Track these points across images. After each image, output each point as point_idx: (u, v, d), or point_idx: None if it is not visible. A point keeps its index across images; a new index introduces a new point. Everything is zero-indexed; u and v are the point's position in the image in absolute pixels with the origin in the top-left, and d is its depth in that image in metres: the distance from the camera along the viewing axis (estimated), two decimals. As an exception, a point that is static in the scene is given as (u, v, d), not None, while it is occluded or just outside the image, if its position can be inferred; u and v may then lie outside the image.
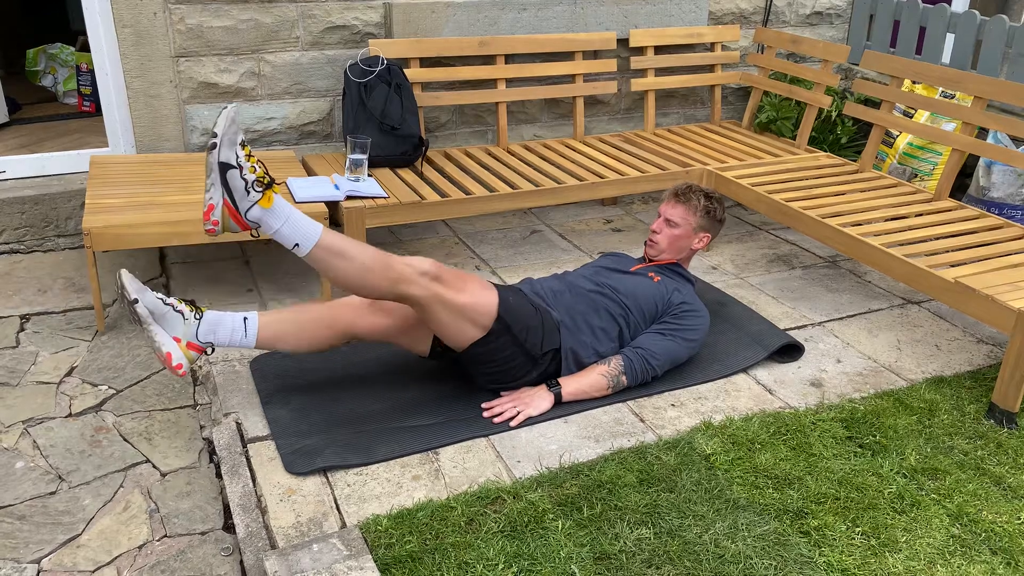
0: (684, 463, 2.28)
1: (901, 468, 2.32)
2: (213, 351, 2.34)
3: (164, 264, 3.45)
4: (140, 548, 2.10)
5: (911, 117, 4.12)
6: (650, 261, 2.84)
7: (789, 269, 3.60)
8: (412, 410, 2.47)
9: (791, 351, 2.88)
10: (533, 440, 2.38)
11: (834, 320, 3.15)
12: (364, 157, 3.23)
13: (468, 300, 2.35)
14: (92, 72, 4.26)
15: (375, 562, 1.89)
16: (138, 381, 2.73)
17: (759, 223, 4.12)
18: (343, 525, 2.05)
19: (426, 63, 3.78)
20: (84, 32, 3.59)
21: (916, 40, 4.37)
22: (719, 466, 2.27)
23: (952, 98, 4.02)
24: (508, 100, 3.92)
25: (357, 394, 2.53)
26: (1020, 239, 3.06)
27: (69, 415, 2.56)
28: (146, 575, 2.02)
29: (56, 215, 3.47)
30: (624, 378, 2.54)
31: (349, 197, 3.11)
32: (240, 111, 3.61)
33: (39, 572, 2.01)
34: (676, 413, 2.53)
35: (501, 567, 1.90)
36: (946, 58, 4.26)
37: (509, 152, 3.88)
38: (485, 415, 2.45)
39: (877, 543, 2.05)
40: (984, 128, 3.45)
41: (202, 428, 2.53)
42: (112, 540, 2.11)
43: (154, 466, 2.37)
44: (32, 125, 4.21)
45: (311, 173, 3.43)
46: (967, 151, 3.37)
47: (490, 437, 2.38)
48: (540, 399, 2.48)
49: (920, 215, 3.30)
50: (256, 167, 2.14)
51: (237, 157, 2.11)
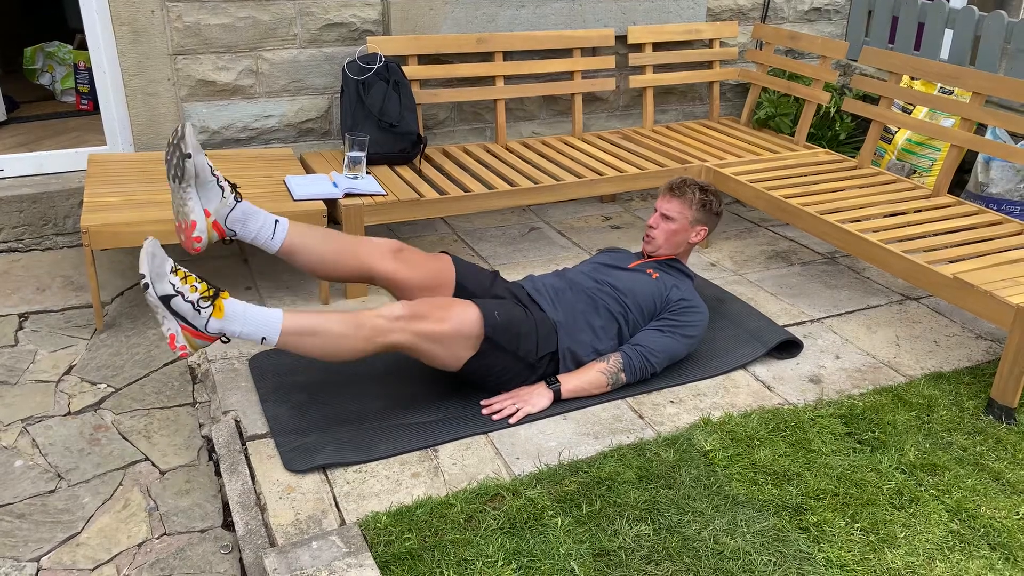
0: (683, 459, 2.28)
1: (900, 464, 2.32)
2: (232, 242, 2.37)
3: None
4: (139, 546, 2.10)
5: (910, 113, 4.12)
6: (648, 257, 2.84)
7: (788, 265, 3.60)
8: (411, 407, 2.47)
9: (790, 347, 2.88)
10: (532, 437, 2.38)
11: (833, 316, 3.15)
12: (362, 155, 3.22)
13: (452, 327, 2.32)
14: (90, 70, 4.25)
15: (374, 559, 1.89)
16: (137, 379, 2.73)
17: (758, 219, 4.12)
18: (342, 522, 2.05)
19: (424, 60, 3.77)
20: (82, 30, 3.58)
21: (915, 36, 4.37)
22: (718, 462, 2.28)
23: (951, 94, 4.02)
24: (506, 97, 3.92)
25: (356, 391, 2.53)
26: (1019, 235, 3.06)
27: (68, 413, 2.56)
28: (145, 573, 2.02)
29: (54, 213, 3.47)
30: (623, 375, 2.54)
31: (347, 195, 3.11)
32: (238, 109, 3.61)
33: (38, 570, 2.01)
34: (675, 409, 2.53)
35: (500, 564, 1.91)
36: (945, 54, 4.26)
37: (508, 149, 3.88)
38: (484, 412, 2.45)
39: (876, 539, 2.05)
40: (983, 124, 3.45)
41: (201, 426, 2.53)
42: (111, 538, 2.11)
43: (153, 464, 2.37)
44: (30, 123, 4.20)
45: (309, 171, 3.43)
46: (966, 147, 3.37)
47: (489, 434, 2.38)
48: (539, 396, 2.48)
49: (919, 211, 3.30)
50: (196, 284, 2.15)
51: (173, 285, 2.12)
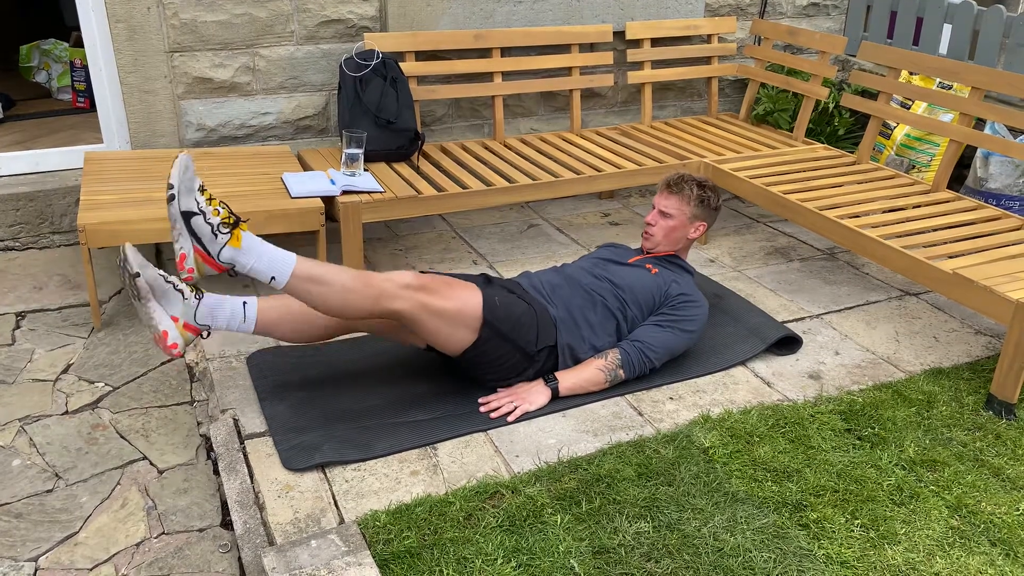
0: (683, 456, 2.27)
1: (900, 460, 2.32)
2: (209, 334, 2.32)
3: (160, 260, 3.44)
4: (138, 545, 2.09)
5: (908, 108, 4.11)
6: (647, 253, 2.83)
7: (787, 261, 3.59)
8: (410, 405, 2.46)
9: (789, 344, 2.87)
10: (531, 434, 2.37)
11: (832, 312, 3.15)
12: (360, 151, 3.21)
13: (456, 305, 2.33)
14: (86, 68, 4.24)
15: (373, 558, 1.88)
16: (135, 378, 2.72)
17: (756, 215, 4.11)
18: (341, 521, 2.04)
19: (422, 57, 3.76)
20: (78, 27, 3.57)
21: (913, 31, 4.36)
22: (718, 459, 2.27)
23: (950, 89, 4.01)
24: (504, 93, 3.91)
25: (355, 389, 2.53)
26: (1018, 230, 3.05)
27: (65, 412, 2.55)
28: (144, 572, 2.01)
29: (51, 212, 3.46)
30: (622, 371, 2.54)
31: (345, 192, 3.10)
32: (235, 106, 3.59)
33: (36, 570, 2.00)
34: (674, 406, 2.53)
35: (500, 562, 1.90)
36: (943, 49, 4.25)
37: (506, 146, 3.87)
38: (482, 410, 2.44)
39: (876, 535, 2.04)
40: (982, 119, 3.44)
41: (199, 425, 2.52)
42: (110, 538, 2.11)
43: (151, 463, 2.37)
44: (26, 121, 4.19)
45: (307, 168, 3.42)
46: (965, 142, 3.36)
47: (488, 432, 2.38)
48: (537, 394, 2.47)
49: (918, 206, 3.30)
50: (220, 209, 2.15)
51: (198, 203, 2.11)
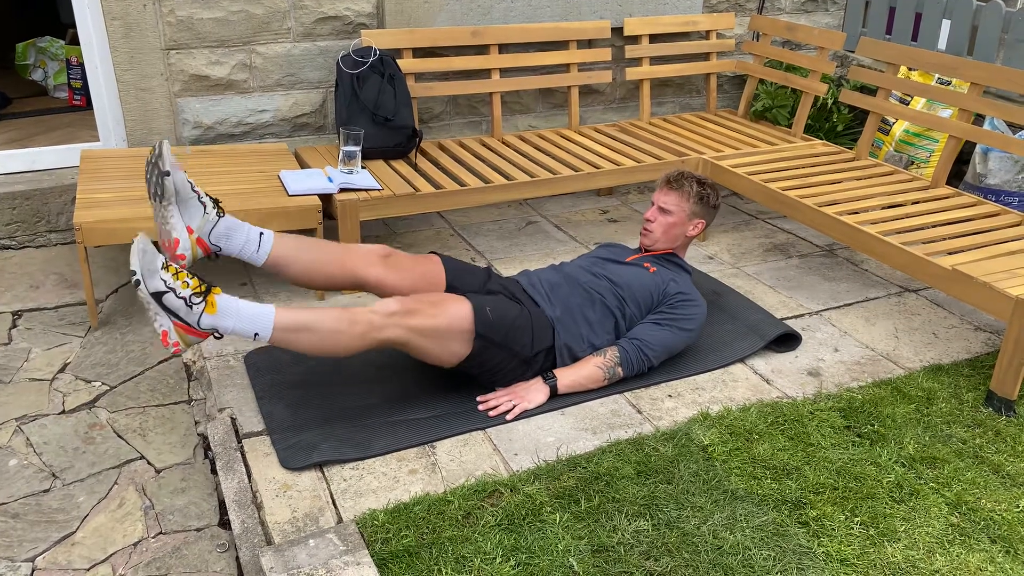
0: (682, 454, 2.27)
1: (899, 457, 2.31)
2: (218, 257, 2.33)
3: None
4: (135, 545, 2.08)
5: (907, 104, 4.11)
6: (646, 251, 2.82)
7: (786, 258, 3.58)
8: (408, 403, 2.46)
9: (788, 340, 2.87)
10: (530, 433, 2.37)
11: (831, 309, 3.14)
12: (357, 149, 3.20)
13: (445, 321, 2.31)
14: (82, 65, 4.22)
15: (372, 557, 1.87)
16: (132, 377, 2.72)
17: (755, 212, 4.10)
18: (339, 520, 2.03)
19: (419, 53, 3.75)
20: (74, 25, 3.56)
21: (912, 26, 4.35)
22: (717, 457, 2.26)
23: (948, 84, 4.00)
24: (502, 90, 3.90)
25: (353, 388, 2.52)
26: (1017, 226, 3.05)
27: (62, 412, 2.54)
28: (141, 572, 2.01)
29: (47, 210, 3.44)
30: (620, 369, 2.53)
31: (343, 190, 3.09)
32: (231, 104, 3.58)
33: (33, 571, 2.00)
34: (673, 404, 2.52)
35: (499, 561, 1.89)
36: (942, 44, 4.24)
37: (504, 143, 3.85)
38: (480, 408, 2.43)
39: (876, 533, 2.04)
40: (981, 115, 3.44)
41: (197, 424, 2.51)
42: (107, 537, 2.10)
43: (149, 462, 2.36)
44: (22, 119, 4.18)
45: (304, 166, 3.41)
46: (964, 138, 3.35)
47: (487, 430, 2.37)
48: (536, 392, 2.46)
49: (917, 203, 3.29)
50: (188, 280, 2.13)
51: (165, 282, 2.10)
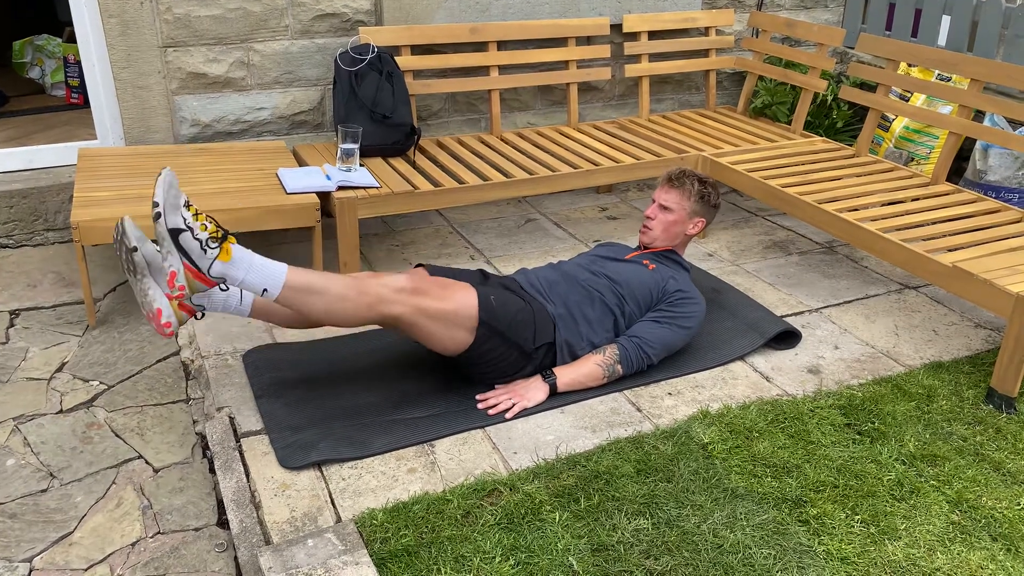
0: (682, 452, 2.26)
1: (900, 455, 2.30)
2: (203, 316, 2.29)
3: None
4: (133, 545, 2.08)
5: (907, 100, 4.09)
6: (645, 248, 2.82)
7: (785, 255, 3.58)
8: (407, 402, 2.45)
9: (788, 338, 2.86)
10: (529, 431, 2.36)
11: (831, 306, 3.13)
12: (356, 147, 3.19)
13: (452, 306, 2.31)
14: (80, 63, 4.21)
15: (371, 557, 1.87)
16: (130, 376, 2.71)
17: (755, 209, 4.09)
18: (338, 520, 2.03)
19: (417, 51, 3.73)
20: (71, 23, 3.54)
21: (912, 22, 4.34)
22: (717, 455, 2.26)
23: (948, 81, 3.99)
24: (501, 87, 3.88)
25: (351, 387, 2.51)
26: (1018, 222, 3.04)
27: (60, 411, 2.53)
28: (139, 572, 2.00)
29: (45, 209, 3.43)
30: (619, 367, 2.52)
31: (341, 187, 3.08)
32: (229, 102, 3.57)
33: (31, 571, 1.99)
34: (673, 402, 2.51)
35: (498, 560, 1.89)
36: (942, 40, 4.23)
37: (502, 140, 3.84)
38: (480, 407, 2.42)
39: (876, 531, 2.03)
40: (981, 111, 3.43)
41: (195, 423, 2.51)
42: (105, 537, 2.09)
43: (147, 462, 2.35)
44: (20, 118, 4.17)
45: (302, 163, 3.40)
46: (964, 134, 3.34)
47: (486, 428, 2.36)
48: (535, 390, 2.45)
49: (917, 199, 3.28)
50: (207, 224, 2.12)
51: (185, 219, 2.08)
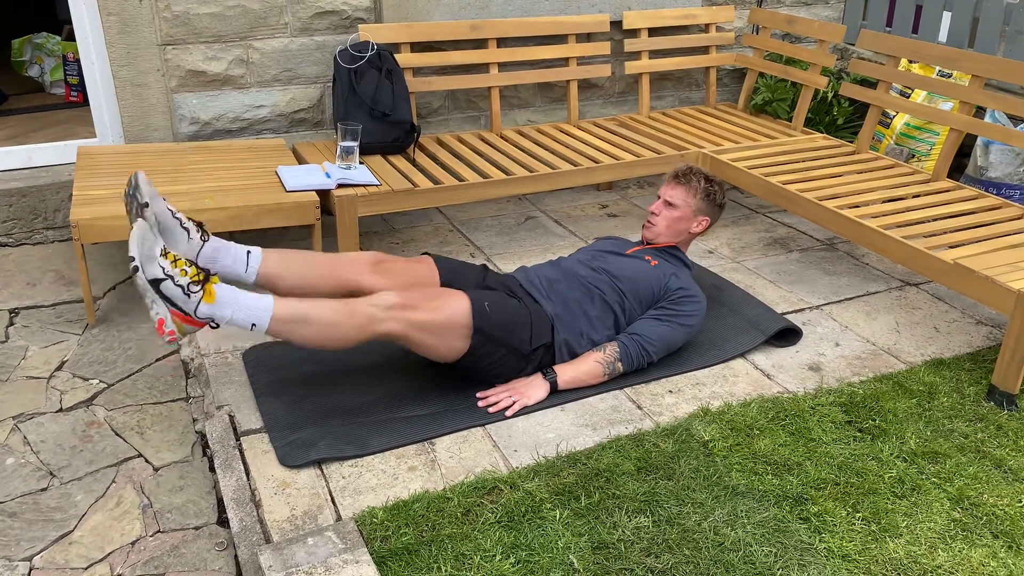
0: (682, 450, 2.26)
1: (901, 452, 2.30)
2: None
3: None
4: (133, 544, 2.07)
5: (908, 97, 4.09)
6: (647, 244, 2.81)
7: (786, 252, 3.57)
8: (407, 400, 2.44)
9: (789, 335, 2.85)
10: (530, 429, 2.35)
11: (832, 303, 3.13)
12: (355, 144, 3.19)
13: (444, 316, 2.30)
14: (79, 62, 4.20)
15: (371, 555, 1.86)
16: (129, 375, 2.70)
17: (755, 206, 4.09)
18: (338, 518, 2.02)
19: (417, 48, 3.73)
20: (70, 21, 3.54)
21: (912, 19, 4.33)
22: (717, 452, 2.25)
23: (949, 77, 3.98)
24: (501, 85, 3.88)
25: (351, 385, 2.50)
26: (1019, 219, 3.03)
27: (60, 410, 2.53)
28: (139, 571, 2.00)
29: (44, 207, 3.43)
30: (620, 364, 2.52)
31: (340, 185, 3.08)
32: (229, 99, 3.56)
33: (31, 570, 1.99)
34: (674, 399, 2.51)
35: (499, 558, 1.88)
36: (943, 37, 4.22)
37: (502, 137, 3.84)
38: (480, 405, 2.42)
39: (878, 528, 2.03)
40: (982, 107, 3.42)
41: (195, 421, 2.50)
42: (105, 536, 2.09)
43: (147, 461, 2.35)
44: (19, 116, 4.16)
45: (302, 161, 3.39)
46: (965, 131, 3.33)
47: (486, 426, 2.36)
48: (535, 388, 2.45)
49: (918, 196, 3.27)
50: (186, 269, 2.12)
51: (163, 268, 2.08)
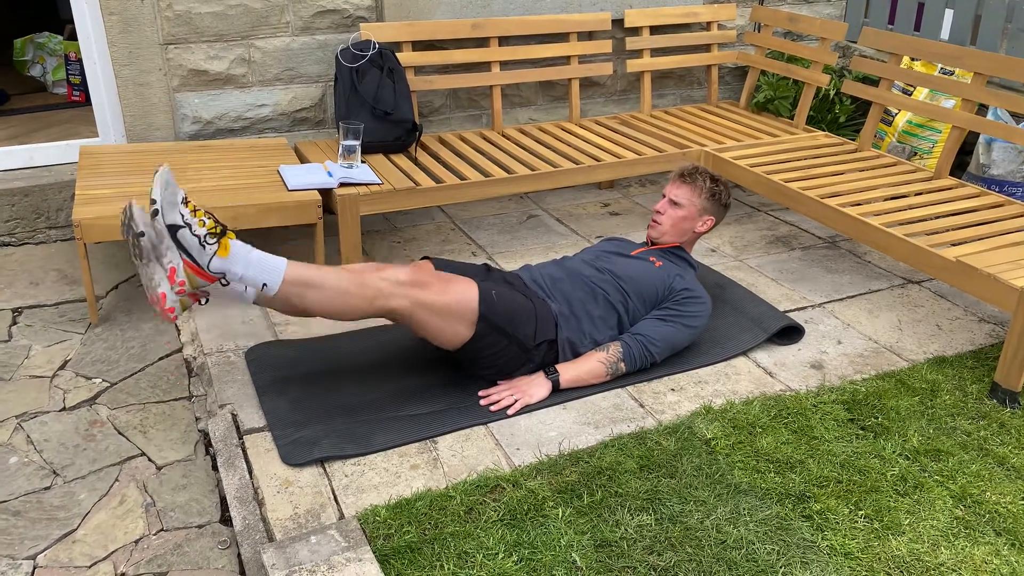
0: (684, 448, 2.26)
1: (903, 450, 2.30)
2: (207, 302, 2.25)
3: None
4: (136, 542, 2.08)
5: (910, 95, 4.08)
6: (653, 244, 2.81)
7: (788, 250, 3.57)
8: (409, 399, 2.45)
9: (791, 333, 2.85)
10: (532, 427, 2.36)
11: (834, 301, 3.13)
12: (357, 143, 3.19)
13: (452, 300, 2.31)
14: (81, 61, 4.21)
15: (374, 553, 1.87)
16: (132, 374, 2.71)
17: (758, 204, 4.09)
18: (341, 516, 2.03)
19: (419, 47, 3.73)
20: (72, 20, 3.54)
21: (915, 16, 4.32)
22: (720, 451, 2.25)
23: (951, 75, 3.98)
24: (502, 83, 3.88)
25: (354, 383, 2.51)
26: (1021, 217, 3.03)
27: (63, 409, 2.53)
28: (143, 569, 2.00)
29: (47, 207, 3.43)
30: (622, 365, 2.52)
31: (342, 184, 3.08)
32: (231, 99, 3.56)
33: (35, 568, 1.99)
34: (676, 398, 2.51)
35: (501, 556, 1.89)
36: (945, 34, 4.22)
37: (504, 136, 3.84)
38: (482, 403, 2.42)
39: (880, 526, 2.03)
40: (984, 105, 3.41)
41: (197, 420, 2.51)
42: (108, 535, 2.09)
43: (149, 459, 2.35)
44: (21, 116, 4.17)
45: (304, 160, 3.39)
46: (967, 128, 3.33)
47: (489, 425, 2.36)
48: (537, 387, 2.45)
49: (920, 194, 3.27)
50: (205, 219, 2.11)
51: (183, 216, 2.07)
